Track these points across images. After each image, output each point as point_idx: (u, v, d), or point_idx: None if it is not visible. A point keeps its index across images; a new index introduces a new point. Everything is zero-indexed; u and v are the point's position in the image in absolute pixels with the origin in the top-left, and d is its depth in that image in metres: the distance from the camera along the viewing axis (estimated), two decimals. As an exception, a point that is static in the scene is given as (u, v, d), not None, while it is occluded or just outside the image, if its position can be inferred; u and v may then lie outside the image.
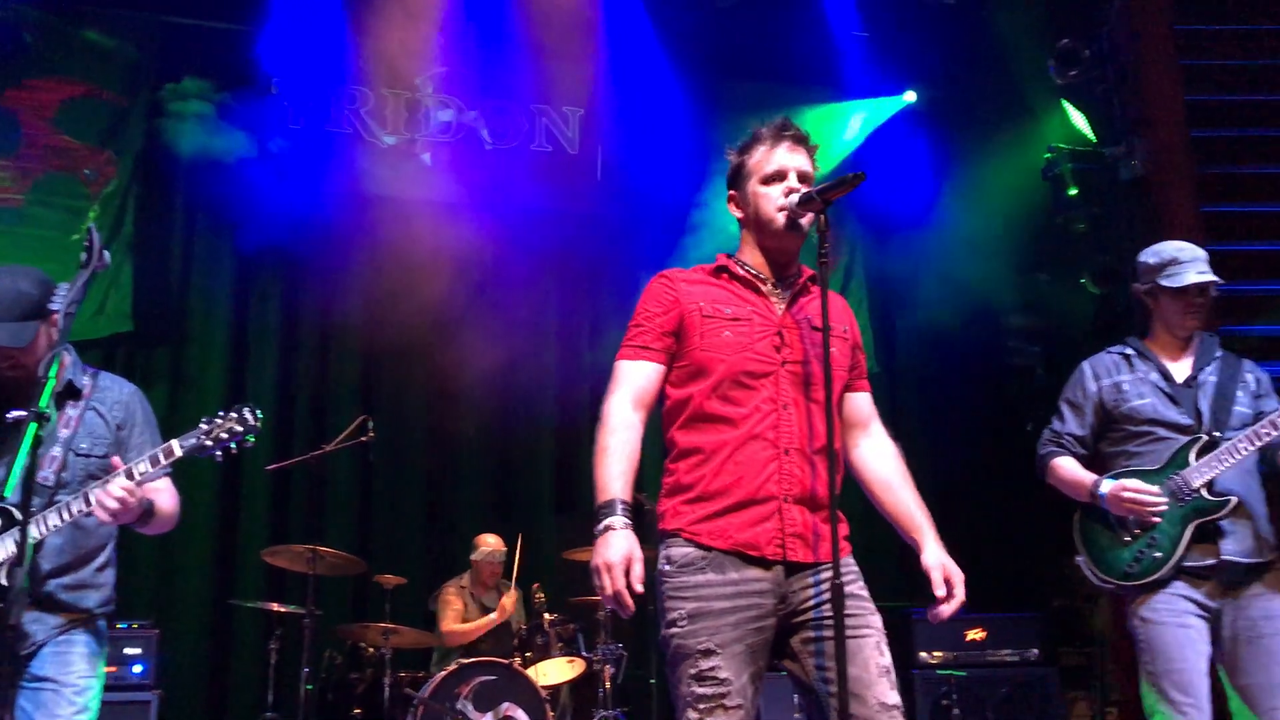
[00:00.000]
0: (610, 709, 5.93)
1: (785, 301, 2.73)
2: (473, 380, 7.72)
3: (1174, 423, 3.48)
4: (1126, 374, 3.59)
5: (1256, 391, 3.55)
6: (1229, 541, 3.35)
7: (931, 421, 8.55)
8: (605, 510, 2.52)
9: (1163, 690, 3.30)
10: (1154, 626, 3.34)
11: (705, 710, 2.47)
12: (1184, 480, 3.39)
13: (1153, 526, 3.40)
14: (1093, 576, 3.53)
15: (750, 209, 2.77)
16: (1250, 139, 7.16)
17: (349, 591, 7.34)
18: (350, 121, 8.00)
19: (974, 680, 6.38)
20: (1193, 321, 3.57)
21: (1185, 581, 3.36)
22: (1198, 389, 3.52)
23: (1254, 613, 3.33)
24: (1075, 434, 3.65)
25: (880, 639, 2.57)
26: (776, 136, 2.76)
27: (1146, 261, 3.64)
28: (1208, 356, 3.59)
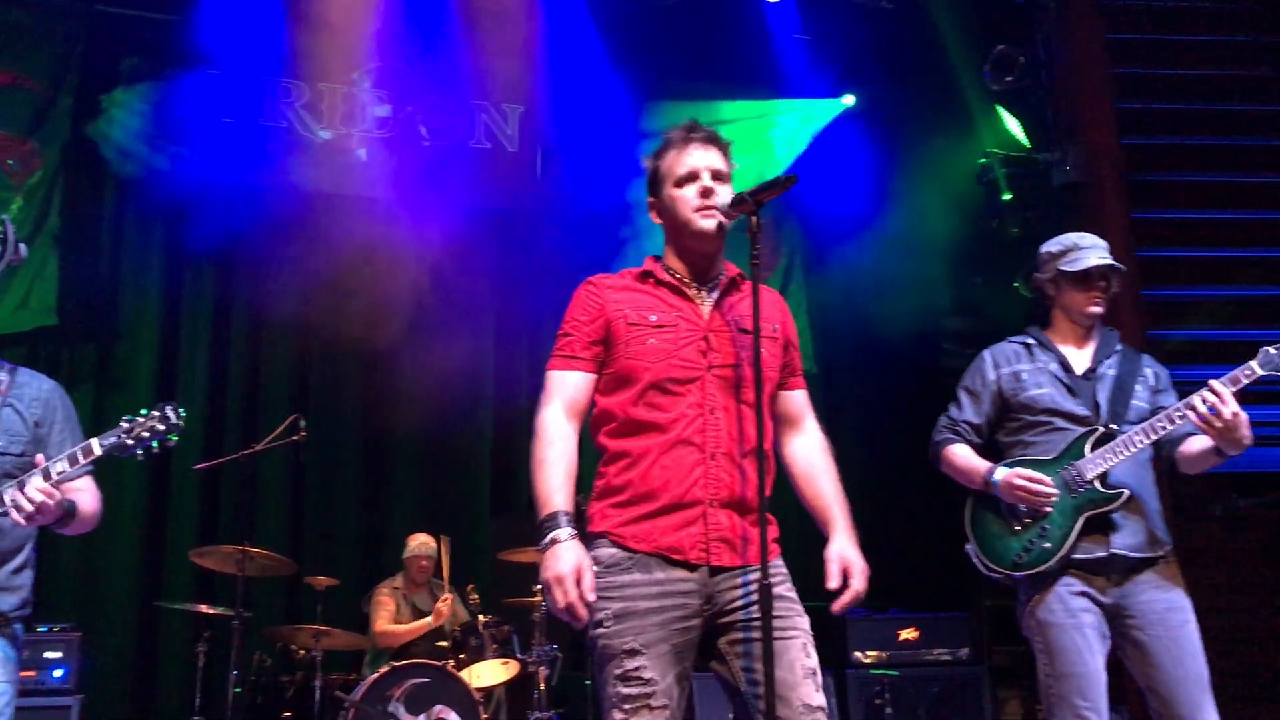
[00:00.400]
0: (545, 711, 5.89)
1: (712, 304, 2.72)
2: (408, 379, 7.64)
3: (1071, 413, 3.44)
4: (1026, 363, 3.56)
5: (1155, 386, 3.53)
6: (1120, 535, 3.31)
7: (867, 422, 8.62)
8: (549, 523, 2.50)
9: (1063, 694, 3.26)
10: (1051, 628, 3.29)
11: (630, 710, 2.46)
12: (1078, 471, 3.36)
13: (1044, 517, 3.35)
14: (981, 565, 3.48)
15: (668, 213, 2.76)
16: (1179, 147, 7.31)
17: (280, 593, 7.23)
18: (285, 115, 7.87)
19: (906, 680, 6.43)
20: (1094, 309, 3.53)
21: (1075, 575, 3.32)
22: (1096, 381, 3.49)
23: (1158, 606, 3.29)
24: (971, 421, 3.60)
25: (807, 640, 2.57)
26: (686, 138, 2.74)
27: (1049, 250, 3.63)
28: (1108, 350, 3.56)
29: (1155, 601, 3.30)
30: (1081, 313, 3.54)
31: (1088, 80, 7.29)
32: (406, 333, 7.69)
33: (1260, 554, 6.76)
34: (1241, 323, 6.97)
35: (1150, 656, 3.27)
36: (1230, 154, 7.28)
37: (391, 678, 5.63)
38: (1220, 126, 7.32)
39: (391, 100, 8.02)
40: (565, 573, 2.43)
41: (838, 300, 8.82)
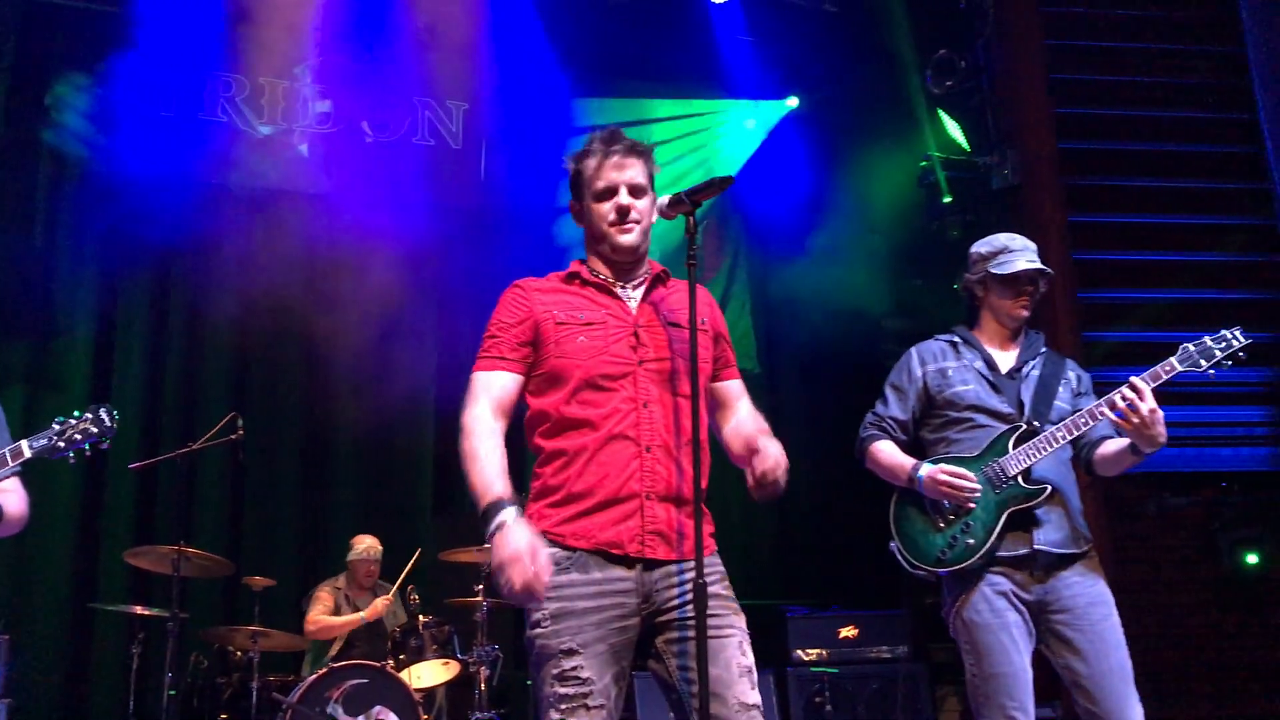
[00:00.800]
0: (486, 711, 5.87)
1: (639, 300, 2.73)
2: (350, 378, 7.58)
3: (995, 410, 3.45)
4: (952, 360, 3.56)
5: (1077, 389, 3.54)
6: (1042, 531, 3.32)
7: (810, 421, 8.68)
8: (493, 509, 2.47)
9: (989, 694, 3.27)
10: (977, 628, 3.29)
11: (567, 710, 2.46)
12: (1001, 468, 3.36)
13: (968, 513, 3.35)
14: (905, 563, 3.47)
15: (587, 222, 2.77)
16: (1115, 152, 7.45)
17: (217, 594, 7.14)
18: (224, 109, 7.77)
19: (846, 677, 6.49)
20: (1022, 311, 3.54)
21: (999, 572, 3.32)
22: (1020, 380, 3.50)
23: (1080, 602, 3.30)
24: (897, 418, 3.60)
25: (743, 639, 2.57)
26: (606, 151, 2.71)
27: (978, 251, 3.63)
28: (1032, 351, 3.58)
29: (1078, 596, 3.31)
30: (1009, 315, 3.56)
31: (1027, 85, 7.39)
32: (348, 330, 7.62)
33: (1191, 552, 6.90)
34: (1175, 326, 7.09)
35: (1074, 651, 3.28)
36: (1166, 160, 7.43)
37: (330, 679, 5.57)
38: (1156, 133, 7.47)
39: (333, 95, 7.94)
40: (520, 548, 2.37)
41: (781, 301, 8.88)
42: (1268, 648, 6.72)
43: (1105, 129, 7.48)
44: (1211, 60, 7.71)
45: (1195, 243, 7.32)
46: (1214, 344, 3.38)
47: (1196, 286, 7.19)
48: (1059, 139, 7.32)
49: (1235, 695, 6.63)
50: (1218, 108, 7.60)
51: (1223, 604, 6.82)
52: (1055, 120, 7.36)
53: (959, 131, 7.47)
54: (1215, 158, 7.52)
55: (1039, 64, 7.43)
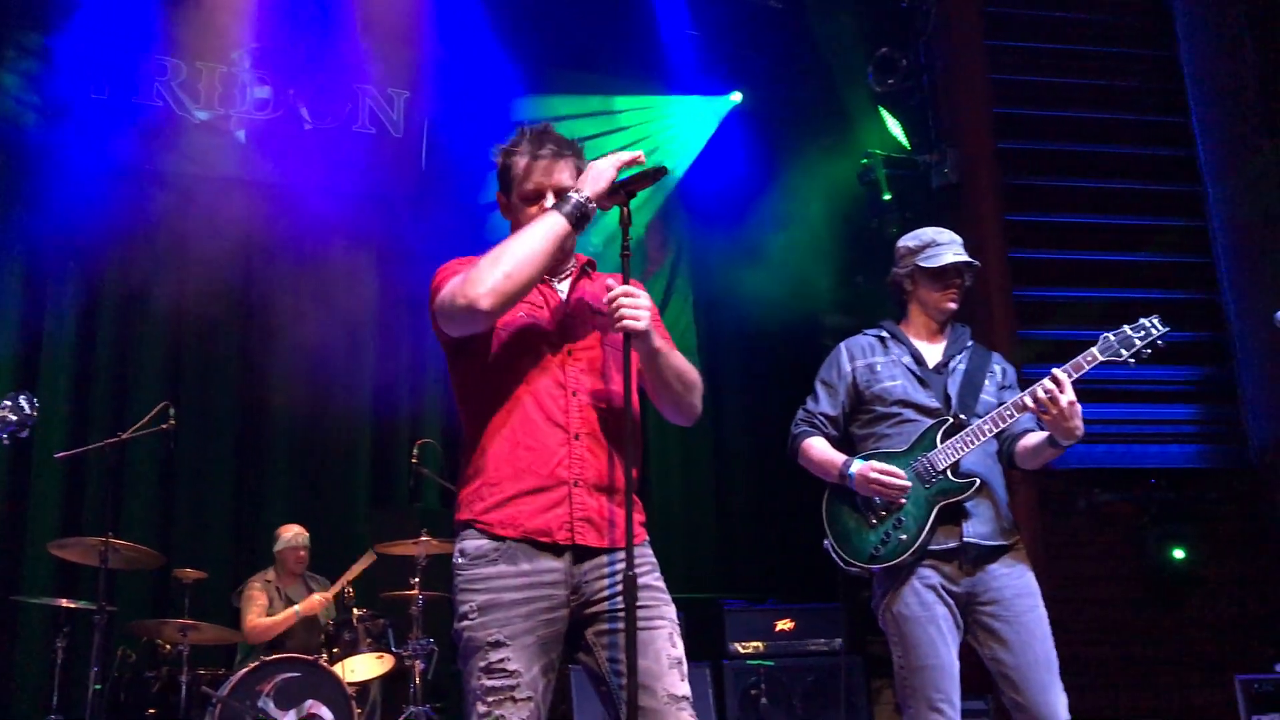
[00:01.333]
0: (420, 705, 5.82)
1: (567, 290, 2.71)
2: (286, 366, 7.48)
3: (922, 405, 3.48)
4: (880, 355, 3.57)
5: (1003, 383, 3.58)
6: (971, 524, 3.35)
7: (750, 417, 8.72)
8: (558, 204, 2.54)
9: (916, 686, 3.31)
10: (906, 622, 3.32)
11: (494, 703, 2.43)
12: (929, 462, 3.38)
13: (899, 509, 3.38)
14: (839, 560, 3.48)
15: (514, 220, 2.72)
16: (1052, 153, 7.55)
17: (146, 586, 7.00)
18: (160, 94, 7.61)
19: (782, 670, 6.51)
20: (949, 304, 3.57)
21: (929, 566, 3.35)
22: (948, 375, 3.53)
23: (1006, 593, 3.34)
24: (828, 414, 3.61)
25: (673, 630, 2.55)
26: (534, 153, 2.66)
27: (906, 245, 3.65)
28: (959, 345, 3.61)
29: (1005, 588, 3.35)
30: (937, 308, 3.58)
31: (966, 85, 7.48)
32: (284, 319, 7.52)
33: (1121, 548, 7.02)
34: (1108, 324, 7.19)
35: (1001, 641, 3.32)
36: (1101, 161, 7.56)
37: (261, 672, 5.49)
38: (1092, 134, 7.59)
39: (272, 81, 7.82)
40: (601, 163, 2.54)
41: (723, 296, 8.90)
42: (1193, 641, 6.87)
43: (1043, 130, 7.59)
44: (1146, 64, 7.85)
45: (1129, 243, 7.45)
46: (1133, 333, 3.40)
47: (1129, 286, 7.32)
48: (998, 139, 7.41)
49: (1161, 688, 6.77)
50: (1152, 111, 7.74)
51: (1150, 598, 6.95)
52: (994, 120, 7.45)
53: (900, 130, 7.53)
54: (1149, 160, 7.65)
55: (979, 64, 7.52)
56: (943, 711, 3.27)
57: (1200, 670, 6.73)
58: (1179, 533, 6.91)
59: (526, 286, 2.48)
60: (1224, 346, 7.41)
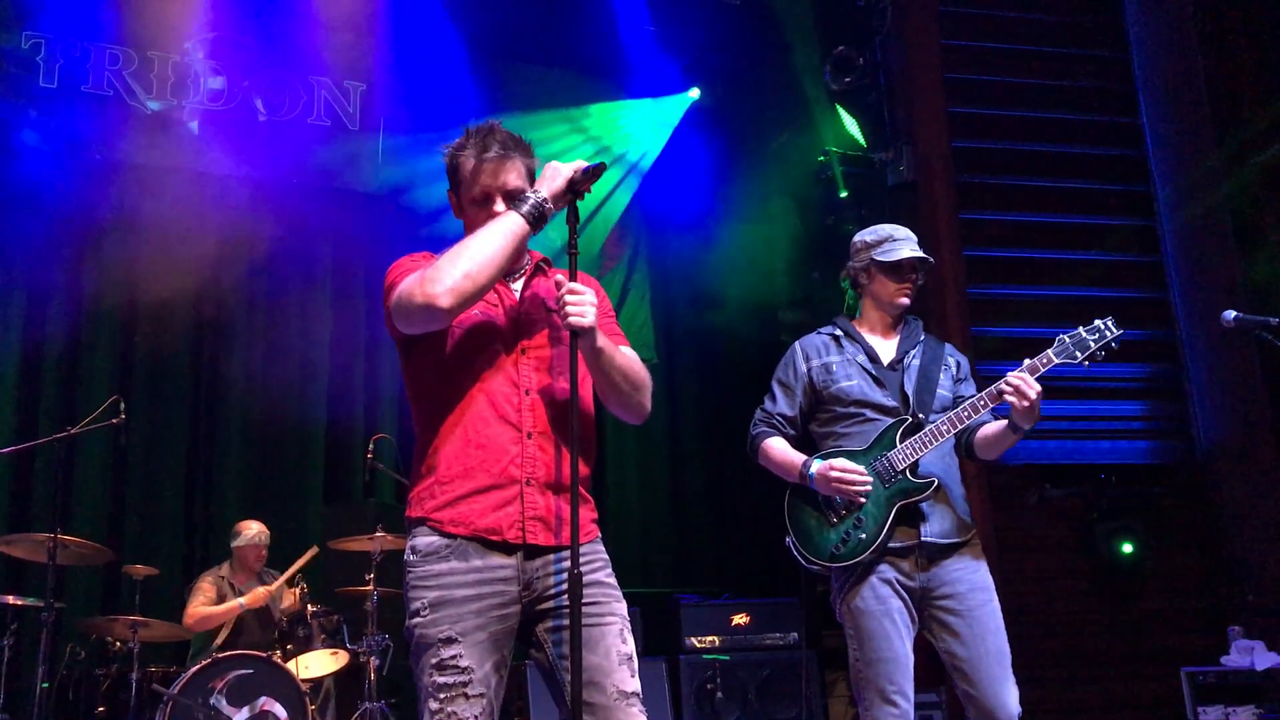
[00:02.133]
0: (375, 701, 5.80)
1: (521, 288, 2.70)
2: (240, 362, 7.42)
3: (880, 404, 3.52)
4: (835, 355, 3.61)
5: (957, 375, 3.63)
6: (929, 524, 3.41)
7: (707, 411, 8.76)
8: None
9: (870, 678, 3.36)
10: (862, 615, 3.37)
11: (446, 699, 2.43)
12: (889, 462, 3.43)
13: (859, 508, 3.42)
14: (801, 558, 3.53)
15: (465, 220, 2.70)
16: (1006, 152, 7.63)
17: (96, 583, 6.91)
18: (111, 84, 7.50)
19: (737, 664, 6.55)
20: (903, 299, 3.62)
21: (887, 562, 3.40)
22: (903, 372, 3.58)
23: (961, 587, 3.40)
24: (786, 414, 3.64)
25: (624, 626, 2.55)
26: (480, 156, 2.63)
27: (862, 239, 3.70)
28: (913, 340, 3.65)
29: (960, 583, 3.41)
30: (891, 302, 3.62)
31: (922, 84, 7.53)
32: (238, 313, 7.45)
33: (1070, 543, 7.12)
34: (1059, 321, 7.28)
35: (954, 634, 3.38)
36: (1054, 160, 7.64)
37: (213, 669, 5.44)
38: (1046, 134, 7.67)
39: (226, 72, 7.72)
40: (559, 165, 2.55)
41: (680, 292, 8.93)
42: (1140, 634, 6.97)
43: (997, 129, 7.66)
44: (1098, 65, 7.95)
45: (1080, 241, 7.54)
46: (1088, 335, 3.46)
47: (1080, 284, 7.41)
48: (952, 137, 7.48)
49: (1109, 679, 6.87)
50: (1103, 111, 7.84)
51: (1099, 591, 7.06)
52: (949, 119, 7.51)
53: (856, 128, 7.57)
54: (1100, 159, 7.75)
55: (935, 63, 7.58)
56: (895, 703, 3.33)
57: (1147, 662, 6.84)
58: (1128, 527, 7.02)
59: (486, 287, 2.48)
60: (1172, 345, 7.53)
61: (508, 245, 2.48)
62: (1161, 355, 7.53)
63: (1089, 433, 7.18)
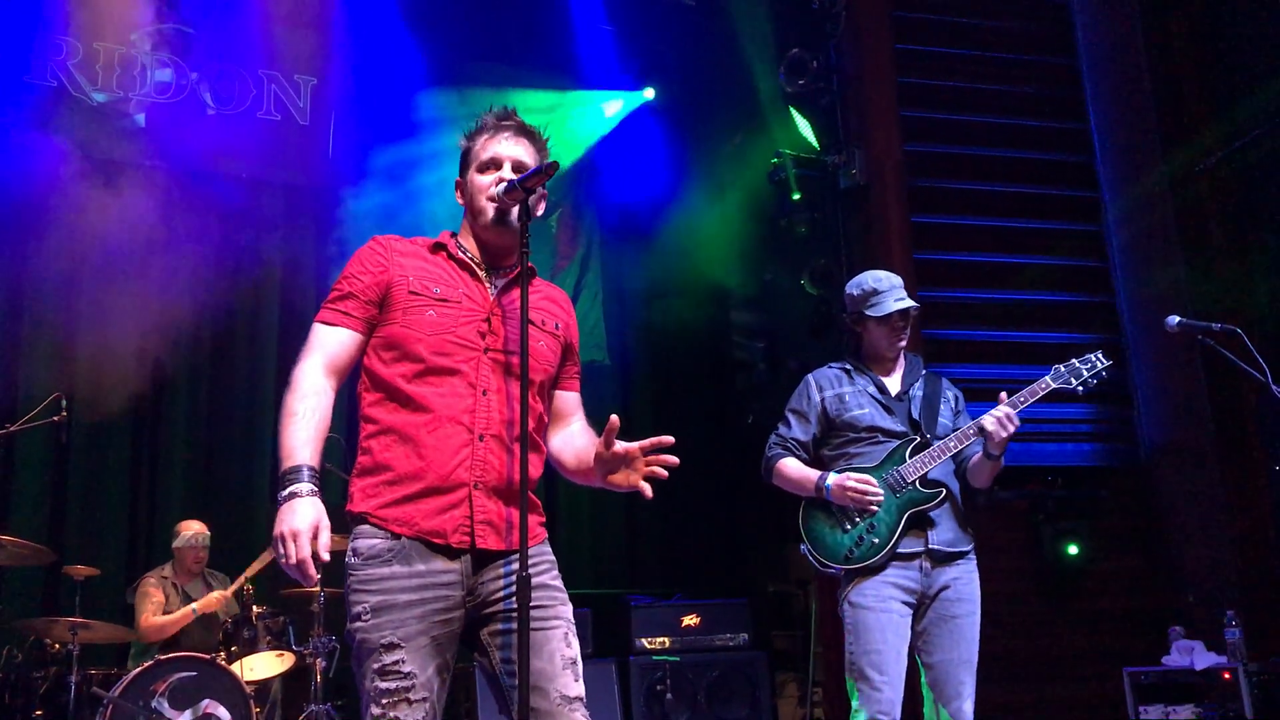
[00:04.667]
0: (321, 703, 5.73)
1: (499, 289, 2.68)
2: (185, 358, 7.30)
3: (890, 430, 3.84)
4: (848, 386, 3.93)
5: (956, 408, 3.97)
6: (936, 531, 3.73)
7: (660, 413, 8.75)
8: (291, 476, 2.42)
9: (861, 669, 3.63)
10: (861, 611, 3.67)
11: (389, 705, 2.41)
12: (900, 474, 3.74)
13: (871, 515, 3.72)
14: (816, 563, 3.81)
15: (468, 197, 2.72)
16: (957, 156, 7.69)
17: (35, 583, 6.77)
18: (55, 74, 7.35)
19: (687, 664, 6.55)
20: (899, 342, 3.93)
21: (897, 567, 3.69)
22: (909, 402, 3.90)
23: (949, 595, 3.71)
24: (800, 439, 3.94)
25: (569, 630, 2.54)
26: (497, 126, 2.72)
27: (851, 294, 4.00)
28: (915, 374, 3.98)
29: (953, 591, 3.72)
30: (888, 347, 3.94)
31: (875, 87, 7.57)
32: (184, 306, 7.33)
33: (1016, 544, 7.19)
34: (1009, 325, 7.39)
35: (935, 636, 3.70)
36: (1004, 165, 7.72)
37: (155, 671, 5.35)
38: (996, 139, 7.75)
39: (174, 64, 7.60)
40: (301, 528, 2.35)
41: (633, 292, 8.92)
42: (1084, 634, 7.06)
43: (949, 133, 7.72)
44: (1048, 72, 8.03)
45: (1029, 246, 7.62)
46: (1081, 365, 3.87)
47: (1029, 288, 7.49)
48: (905, 141, 7.52)
49: (1052, 679, 6.95)
50: (1052, 117, 7.93)
51: (1043, 592, 7.14)
52: (902, 123, 7.56)
53: (809, 130, 7.60)
54: (1049, 165, 7.84)
55: (888, 67, 7.62)
56: (881, 690, 3.60)
57: (1090, 662, 6.92)
58: (1073, 529, 7.11)
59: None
60: (1118, 349, 7.63)
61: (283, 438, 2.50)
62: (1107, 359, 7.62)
63: (1036, 435, 7.26)
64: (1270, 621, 6.58)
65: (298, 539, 2.35)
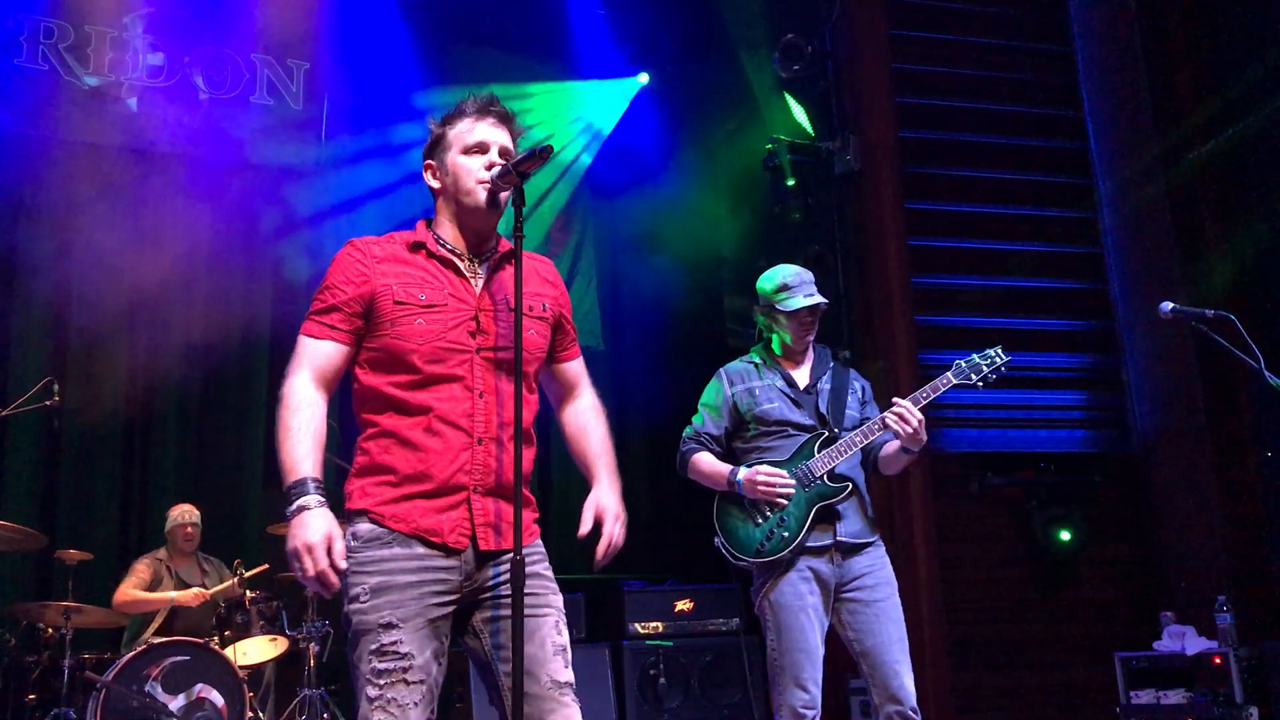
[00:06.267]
0: (315, 688, 5.75)
1: (483, 279, 2.65)
2: (177, 344, 7.28)
3: (799, 424, 3.90)
4: (757, 380, 3.97)
5: (863, 399, 4.05)
6: (843, 524, 3.80)
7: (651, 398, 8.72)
8: (297, 489, 2.43)
9: (785, 666, 3.71)
10: (780, 609, 3.74)
11: (386, 685, 2.40)
12: (809, 469, 3.81)
13: (781, 509, 3.79)
14: (729, 556, 3.87)
15: (449, 180, 2.66)
16: (952, 142, 7.68)
17: (28, 568, 6.76)
18: (46, 58, 7.32)
19: (680, 650, 6.57)
20: (806, 337, 3.98)
21: (807, 559, 3.76)
22: (817, 395, 3.96)
23: (867, 582, 3.78)
24: (711, 433, 3.99)
25: (559, 618, 2.55)
26: (482, 111, 2.68)
27: (763, 288, 4.02)
28: (823, 366, 4.04)
29: (867, 578, 3.80)
30: (797, 340, 3.98)
31: (870, 73, 7.56)
32: (176, 292, 7.31)
33: (1009, 531, 7.21)
34: (1001, 312, 7.40)
35: (860, 623, 3.77)
36: (998, 151, 7.71)
37: (148, 656, 5.36)
38: (990, 125, 7.74)
39: (166, 48, 7.56)
40: (315, 541, 2.37)
41: (626, 278, 8.90)
42: (1076, 620, 7.09)
43: (943, 119, 7.71)
44: (1042, 58, 8.03)
45: (1023, 232, 7.62)
46: (981, 360, 3.91)
47: (1022, 275, 7.50)
48: (899, 127, 7.51)
49: (1045, 665, 6.97)
50: (1046, 104, 7.92)
51: (1036, 578, 7.16)
52: (896, 109, 7.54)
53: (804, 116, 7.58)
54: (1043, 152, 7.83)
55: (882, 53, 7.60)
56: (807, 688, 3.68)
57: (1083, 648, 6.95)
58: (1065, 515, 7.13)
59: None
60: (1111, 335, 7.64)
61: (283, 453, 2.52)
62: (1100, 346, 7.64)
63: (1028, 422, 7.28)
64: (1261, 607, 6.61)
65: (313, 552, 2.37)
